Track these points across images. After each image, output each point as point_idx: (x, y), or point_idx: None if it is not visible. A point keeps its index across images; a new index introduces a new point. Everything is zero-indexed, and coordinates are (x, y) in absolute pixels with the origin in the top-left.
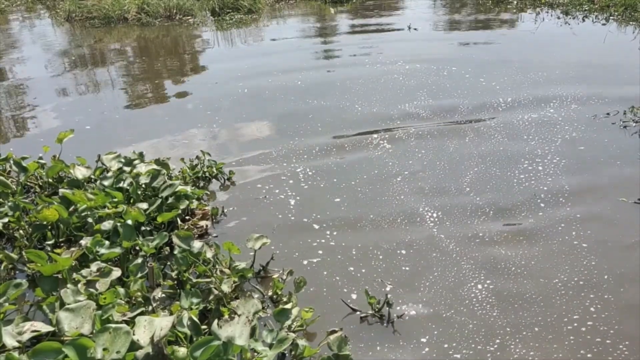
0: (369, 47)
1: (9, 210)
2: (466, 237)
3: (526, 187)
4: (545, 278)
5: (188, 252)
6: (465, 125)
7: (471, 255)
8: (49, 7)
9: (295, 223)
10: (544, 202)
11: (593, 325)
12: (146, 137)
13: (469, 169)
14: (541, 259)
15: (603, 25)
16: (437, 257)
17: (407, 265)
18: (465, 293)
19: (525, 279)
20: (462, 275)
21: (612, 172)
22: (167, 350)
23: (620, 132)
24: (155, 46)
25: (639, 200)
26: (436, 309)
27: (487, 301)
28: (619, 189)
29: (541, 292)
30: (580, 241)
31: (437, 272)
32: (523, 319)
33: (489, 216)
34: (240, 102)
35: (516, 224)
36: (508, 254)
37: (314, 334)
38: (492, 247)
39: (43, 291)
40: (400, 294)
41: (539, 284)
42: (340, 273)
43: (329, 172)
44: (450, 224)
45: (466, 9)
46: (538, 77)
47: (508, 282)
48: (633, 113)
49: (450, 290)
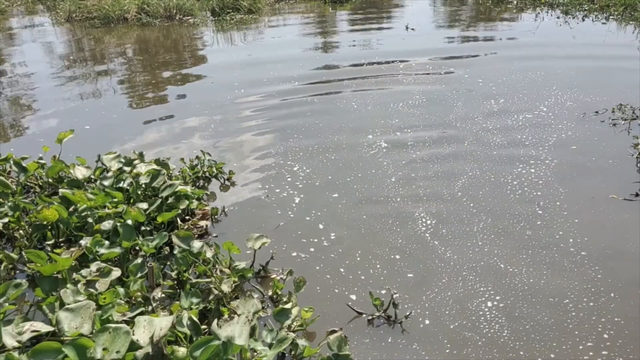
0: (367, 47)
1: (9, 211)
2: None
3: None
4: (535, 270)
5: (188, 252)
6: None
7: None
8: (49, 8)
9: (296, 222)
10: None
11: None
12: (146, 137)
13: (462, 174)
14: (530, 253)
15: (603, 25)
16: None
17: (410, 272)
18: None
19: (517, 277)
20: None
21: (603, 170)
22: (167, 350)
23: (610, 129)
24: (154, 46)
25: (629, 198)
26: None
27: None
28: (610, 186)
29: (535, 289)
30: (576, 247)
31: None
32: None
33: (488, 225)
34: (240, 101)
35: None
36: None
37: (314, 333)
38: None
39: (43, 291)
40: (406, 299)
41: (530, 275)
42: (344, 272)
43: (326, 170)
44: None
45: (466, 9)
46: (536, 77)
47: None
48: (621, 111)
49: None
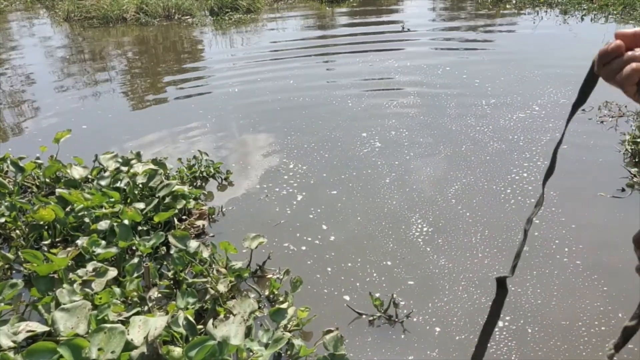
0: (362, 47)
1: (6, 210)
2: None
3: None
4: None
5: (184, 252)
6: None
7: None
8: (48, 7)
9: (292, 222)
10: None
11: None
12: (143, 137)
13: (457, 180)
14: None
15: (602, 25)
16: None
17: (411, 279)
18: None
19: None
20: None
21: (592, 167)
22: (162, 350)
23: (598, 127)
24: (153, 46)
25: (616, 195)
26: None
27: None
28: (598, 183)
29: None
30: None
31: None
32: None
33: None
34: (237, 101)
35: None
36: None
37: (310, 333)
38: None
39: (39, 291)
40: (408, 302)
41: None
42: (340, 272)
43: (322, 168)
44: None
45: (465, 8)
46: (534, 75)
47: None
48: (608, 108)
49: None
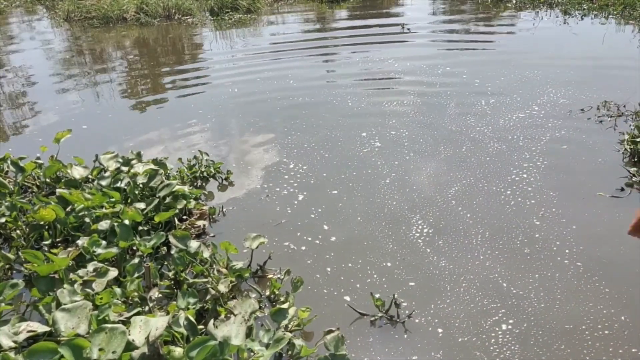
0: (362, 47)
1: (6, 211)
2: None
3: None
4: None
5: (185, 252)
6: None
7: None
8: (48, 7)
9: (293, 222)
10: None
11: None
12: (144, 137)
13: (457, 181)
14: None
15: (602, 25)
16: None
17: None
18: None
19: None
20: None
21: (591, 167)
22: (164, 350)
23: (597, 126)
24: (153, 46)
25: (615, 194)
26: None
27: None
28: (597, 183)
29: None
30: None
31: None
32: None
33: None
34: (238, 101)
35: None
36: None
37: (312, 333)
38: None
39: (39, 291)
40: (410, 302)
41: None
42: (340, 273)
43: (322, 167)
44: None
45: (465, 8)
46: (534, 75)
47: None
48: (606, 108)
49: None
